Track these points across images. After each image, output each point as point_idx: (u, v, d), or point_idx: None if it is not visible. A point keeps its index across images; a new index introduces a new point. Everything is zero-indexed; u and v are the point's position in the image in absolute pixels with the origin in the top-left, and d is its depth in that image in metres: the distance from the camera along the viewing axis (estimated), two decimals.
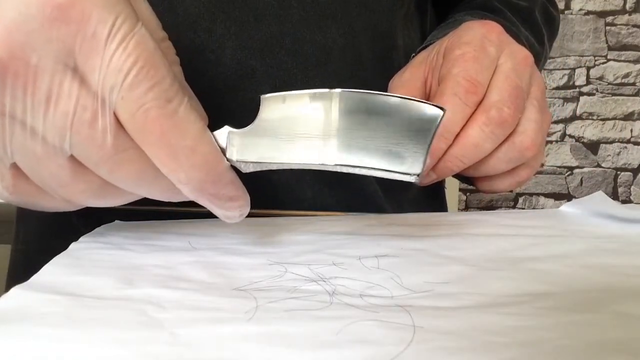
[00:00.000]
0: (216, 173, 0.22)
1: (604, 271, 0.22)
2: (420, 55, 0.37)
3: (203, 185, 0.22)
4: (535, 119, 0.33)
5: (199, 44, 0.37)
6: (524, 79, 0.33)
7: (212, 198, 0.23)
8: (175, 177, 0.22)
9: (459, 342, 0.16)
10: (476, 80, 0.31)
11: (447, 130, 0.31)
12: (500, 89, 0.32)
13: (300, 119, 0.23)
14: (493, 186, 0.36)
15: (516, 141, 0.33)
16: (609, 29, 1.68)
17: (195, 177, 0.22)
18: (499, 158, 0.33)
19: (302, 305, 0.19)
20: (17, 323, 0.17)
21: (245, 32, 0.37)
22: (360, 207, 0.41)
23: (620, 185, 1.73)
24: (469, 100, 0.31)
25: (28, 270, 0.22)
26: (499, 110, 0.31)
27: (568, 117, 1.71)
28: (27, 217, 0.43)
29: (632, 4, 1.67)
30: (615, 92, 1.70)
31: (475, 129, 0.31)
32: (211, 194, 0.23)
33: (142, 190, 0.23)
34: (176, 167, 0.21)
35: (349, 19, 0.40)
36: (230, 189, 0.23)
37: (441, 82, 0.33)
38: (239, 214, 0.24)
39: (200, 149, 0.22)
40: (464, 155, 0.32)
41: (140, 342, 0.16)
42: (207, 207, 0.24)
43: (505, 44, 0.34)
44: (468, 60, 0.32)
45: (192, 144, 0.21)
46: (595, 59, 1.69)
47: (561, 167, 1.74)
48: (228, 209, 0.24)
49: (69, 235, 0.28)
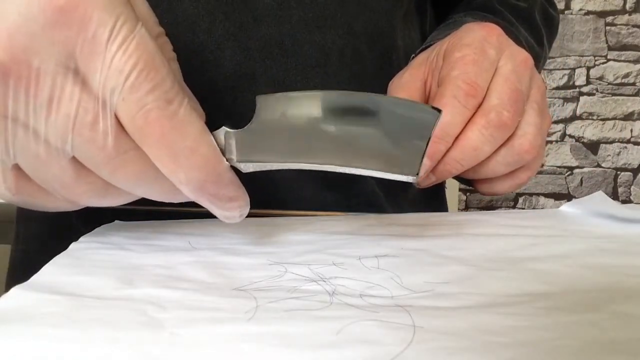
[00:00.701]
0: (216, 173, 0.22)
1: (604, 271, 0.22)
2: (420, 57, 0.37)
3: (203, 185, 0.22)
4: (534, 122, 0.33)
5: (198, 44, 0.37)
6: (523, 82, 0.33)
7: (213, 198, 0.23)
8: (175, 178, 0.22)
9: (459, 342, 0.16)
10: (476, 83, 0.31)
11: (446, 133, 0.31)
12: (500, 92, 0.32)
13: (297, 120, 0.23)
14: (493, 188, 0.36)
15: (515, 144, 0.33)
16: (609, 29, 1.68)
17: (195, 178, 0.22)
18: (498, 161, 0.33)
19: (302, 305, 0.19)
20: (17, 323, 0.17)
21: (244, 33, 0.37)
22: (360, 207, 0.41)
23: (620, 185, 1.73)
24: (468, 103, 0.31)
25: (28, 270, 0.22)
26: (498, 114, 0.31)
27: (568, 117, 1.71)
28: (27, 217, 0.43)
29: (632, 4, 1.67)
30: (615, 92, 1.70)
31: (475, 132, 0.31)
32: (211, 194, 0.23)
33: (142, 190, 0.23)
34: (176, 167, 0.21)
35: (348, 19, 0.40)
36: (230, 189, 0.23)
37: (441, 85, 0.33)
38: (239, 214, 0.24)
39: (201, 149, 0.22)
40: (463, 159, 0.32)
41: (140, 342, 0.16)
42: (207, 208, 0.24)
43: (505, 46, 0.34)
44: (468, 63, 0.32)
45: (192, 144, 0.21)
46: (595, 59, 1.69)
47: (561, 167, 1.74)
48: (228, 209, 0.24)
49: (69, 235, 0.28)
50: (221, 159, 0.23)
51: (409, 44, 0.46)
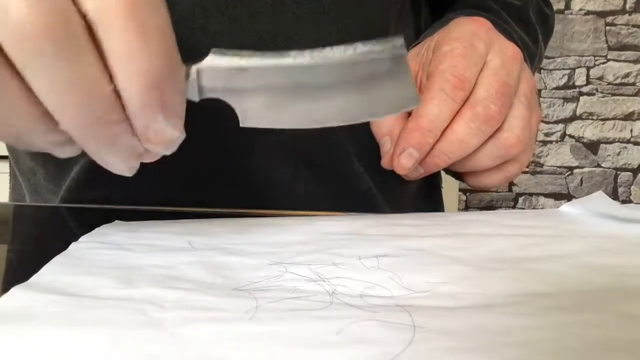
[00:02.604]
0: (176, 72, 0.21)
1: (604, 271, 0.22)
2: (412, 52, 0.37)
3: (160, 81, 0.20)
4: (522, 116, 0.33)
5: (193, 41, 0.37)
6: (512, 76, 0.33)
7: (162, 104, 0.20)
8: (135, 65, 0.19)
9: (459, 342, 0.16)
10: (463, 76, 0.31)
11: (434, 126, 0.32)
12: (488, 86, 0.32)
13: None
14: (481, 181, 0.37)
15: (501, 138, 0.33)
16: (609, 29, 1.68)
17: (158, 66, 0.19)
18: (485, 154, 0.34)
19: (302, 305, 0.19)
20: (17, 323, 0.17)
21: (239, 29, 0.38)
22: (355, 205, 0.42)
23: (620, 185, 1.73)
24: (456, 96, 0.31)
25: (28, 270, 0.22)
26: (485, 107, 0.31)
27: (568, 117, 1.71)
28: (27, 217, 0.43)
29: (632, 4, 1.67)
30: (615, 92, 1.70)
31: (462, 125, 0.32)
32: (163, 98, 0.20)
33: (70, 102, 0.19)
34: (144, 46, 0.19)
35: (343, 16, 0.40)
36: (182, 106, 0.22)
37: (429, 78, 0.33)
38: (166, 147, 0.22)
39: (169, 37, 0.20)
40: (450, 151, 0.32)
41: (140, 342, 0.16)
42: (142, 125, 0.21)
43: (494, 40, 0.34)
44: (456, 57, 0.32)
45: (161, 25, 0.19)
46: (595, 59, 1.69)
47: (561, 167, 1.74)
48: (174, 127, 0.22)
49: (68, 235, 0.28)
50: (182, 65, 0.21)
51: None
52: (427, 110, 0.32)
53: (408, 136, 0.32)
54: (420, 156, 0.32)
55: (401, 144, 0.33)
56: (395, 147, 0.33)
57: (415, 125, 0.32)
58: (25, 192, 0.50)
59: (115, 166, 0.22)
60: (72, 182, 0.42)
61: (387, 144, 0.35)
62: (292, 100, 0.24)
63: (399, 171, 0.34)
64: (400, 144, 0.33)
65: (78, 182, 0.42)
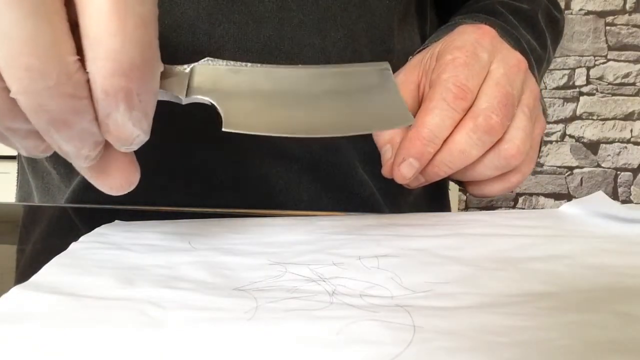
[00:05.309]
0: (151, 68, 0.20)
1: (604, 271, 0.22)
2: (415, 58, 0.37)
3: (129, 72, 0.19)
4: (523, 127, 0.33)
5: (198, 46, 0.37)
6: (515, 86, 0.33)
7: (127, 97, 0.19)
8: (104, 47, 0.18)
9: (459, 342, 0.16)
10: (465, 86, 0.31)
11: (435, 136, 0.31)
12: (490, 96, 0.31)
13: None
14: (483, 191, 0.36)
15: (502, 149, 0.33)
16: (609, 29, 1.68)
17: (129, 54, 0.18)
18: (486, 165, 0.33)
19: (302, 305, 0.19)
20: (17, 323, 0.17)
21: (244, 35, 0.37)
22: (358, 210, 0.42)
23: (620, 185, 1.73)
24: (457, 106, 0.31)
25: (28, 270, 0.22)
26: (487, 118, 0.31)
27: (568, 117, 1.71)
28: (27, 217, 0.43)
29: (632, 4, 1.67)
30: (615, 92, 1.70)
31: (463, 135, 0.31)
32: (130, 91, 0.19)
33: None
34: (119, 32, 0.18)
35: (348, 21, 0.40)
36: (150, 105, 0.20)
37: (431, 87, 0.33)
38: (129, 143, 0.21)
39: (150, 29, 0.19)
40: (451, 161, 0.32)
41: (140, 342, 0.16)
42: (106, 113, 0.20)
43: (498, 49, 0.33)
44: (458, 66, 0.32)
45: (145, 15, 0.19)
46: (595, 59, 1.69)
47: (561, 167, 1.74)
48: (136, 124, 0.20)
49: (69, 235, 0.28)
50: (159, 59, 0.20)
51: (409, 46, 0.46)
52: (428, 119, 0.31)
53: (409, 145, 0.32)
54: (421, 166, 0.32)
55: (402, 153, 0.32)
56: (395, 156, 0.33)
57: (416, 134, 0.32)
58: (34, 191, 0.50)
59: (71, 153, 0.21)
60: (79, 184, 0.42)
61: (387, 153, 0.35)
62: (276, 107, 0.24)
63: (399, 180, 0.33)
64: (401, 153, 0.32)
65: (83, 184, 0.42)
